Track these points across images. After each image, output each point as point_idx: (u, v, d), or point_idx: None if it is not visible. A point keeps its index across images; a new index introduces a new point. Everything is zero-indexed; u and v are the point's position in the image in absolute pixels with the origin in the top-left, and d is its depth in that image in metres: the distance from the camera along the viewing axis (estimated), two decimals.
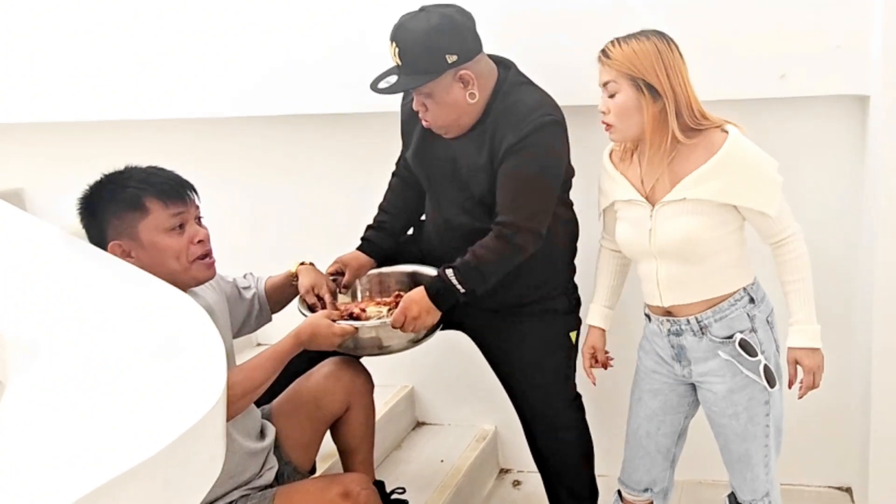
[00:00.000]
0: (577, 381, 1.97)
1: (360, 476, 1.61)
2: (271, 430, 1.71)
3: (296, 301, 1.84)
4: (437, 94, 1.66)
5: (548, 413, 1.94)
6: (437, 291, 1.68)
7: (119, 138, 2.59)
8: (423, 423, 2.65)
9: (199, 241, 1.51)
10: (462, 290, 1.68)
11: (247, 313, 1.78)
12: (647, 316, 1.72)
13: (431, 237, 1.92)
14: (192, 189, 1.55)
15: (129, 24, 2.48)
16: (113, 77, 2.51)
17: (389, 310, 1.79)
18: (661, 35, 1.53)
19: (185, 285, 1.46)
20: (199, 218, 1.55)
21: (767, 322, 1.62)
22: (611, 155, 1.68)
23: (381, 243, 1.93)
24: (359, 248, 1.92)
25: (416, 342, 1.77)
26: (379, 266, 1.93)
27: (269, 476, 1.66)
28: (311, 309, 1.75)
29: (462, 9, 1.69)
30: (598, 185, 1.72)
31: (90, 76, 2.53)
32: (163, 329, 1.09)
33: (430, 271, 1.82)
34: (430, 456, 2.43)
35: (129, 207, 1.47)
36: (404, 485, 2.07)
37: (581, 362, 1.86)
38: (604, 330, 1.80)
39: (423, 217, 1.99)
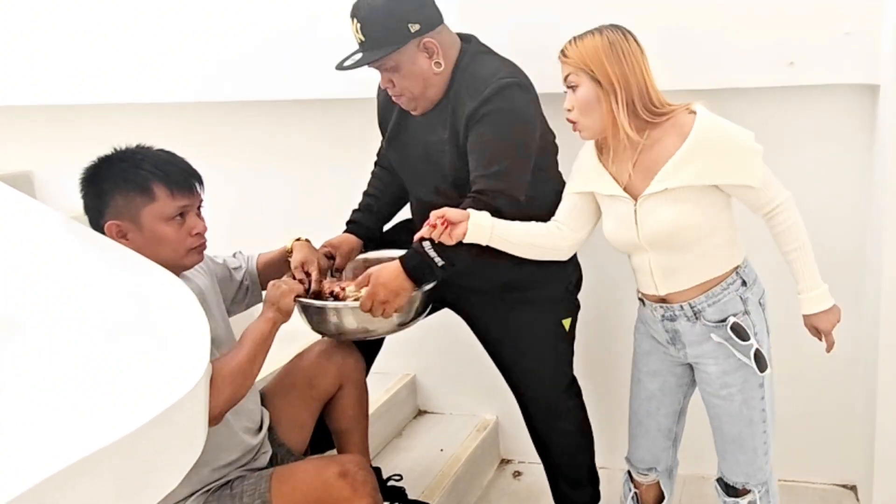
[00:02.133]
0: (576, 366, 1.96)
1: (358, 457, 1.60)
2: (266, 418, 1.71)
3: None
4: (402, 66, 1.64)
5: (543, 399, 1.93)
6: (414, 266, 1.59)
7: (127, 121, 2.60)
8: (425, 412, 2.64)
9: (197, 234, 1.53)
10: (440, 264, 1.58)
11: (235, 292, 1.78)
12: (641, 301, 1.71)
13: (416, 222, 1.91)
14: (200, 181, 1.55)
15: (138, 9, 2.48)
16: (121, 61, 2.53)
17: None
18: (615, 28, 1.53)
19: (173, 271, 1.45)
20: (199, 209, 1.56)
21: (760, 304, 1.62)
22: (596, 144, 1.64)
23: (370, 225, 1.91)
24: (347, 231, 1.89)
25: (402, 325, 1.70)
26: (367, 248, 1.90)
27: (263, 460, 1.66)
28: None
29: None
30: (576, 165, 1.67)
31: (98, 60, 2.55)
32: (148, 311, 1.10)
33: None
34: (431, 444, 2.42)
35: (136, 190, 1.47)
36: (403, 472, 2.07)
37: None
38: None
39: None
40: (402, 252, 1.70)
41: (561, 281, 1.87)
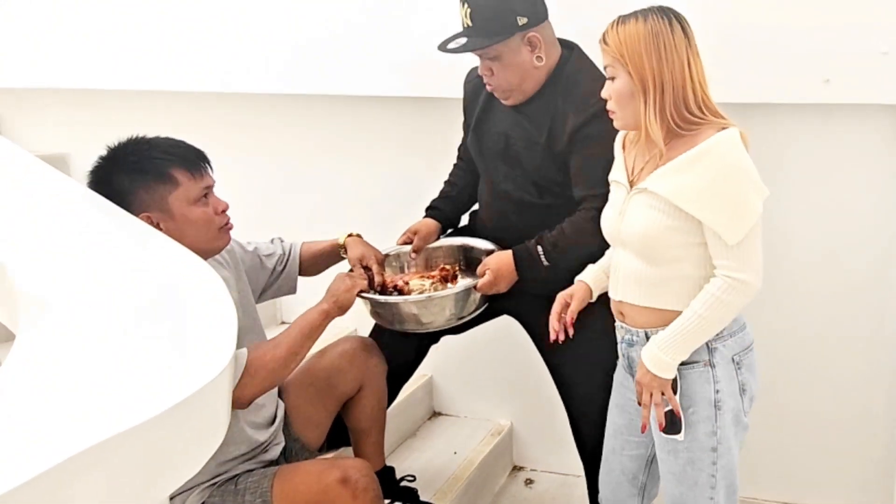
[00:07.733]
0: None
1: (361, 462, 1.57)
2: (280, 411, 1.71)
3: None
4: (504, 57, 1.68)
5: (594, 404, 1.87)
6: (523, 259, 1.72)
7: (163, 108, 2.63)
8: (440, 414, 2.64)
9: (223, 211, 1.55)
10: (546, 264, 1.71)
11: (266, 280, 1.79)
12: None
13: (482, 211, 1.96)
14: (208, 160, 1.57)
15: None
16: (157, 48, 2.56)
17: (433, 283, 1.84)
18: (663, 14, 1.37)
19: (203, 255, 1.45)
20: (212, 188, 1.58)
21: (733, 361, 1.42)
22: (626, 135, 1.56)
23: (448, 211, 1.99)
24: (427, 216, 1.97)
25: (459, 318, 1.76)
26: (443, 232, 1.98)
27: (275, 452, 1.67)
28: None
29: None
30: None
31: (135, 46, 2.58)
32: (176, 295, 1.10)
33: (481, 244, 1.86)
34: (444, 447, 2.42)
35: (157, 179, 1.48)
36: (416, 473, 2.07)
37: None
38: (589, 288, 1.60)
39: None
40: (462, 240, 1.93)
41: None
